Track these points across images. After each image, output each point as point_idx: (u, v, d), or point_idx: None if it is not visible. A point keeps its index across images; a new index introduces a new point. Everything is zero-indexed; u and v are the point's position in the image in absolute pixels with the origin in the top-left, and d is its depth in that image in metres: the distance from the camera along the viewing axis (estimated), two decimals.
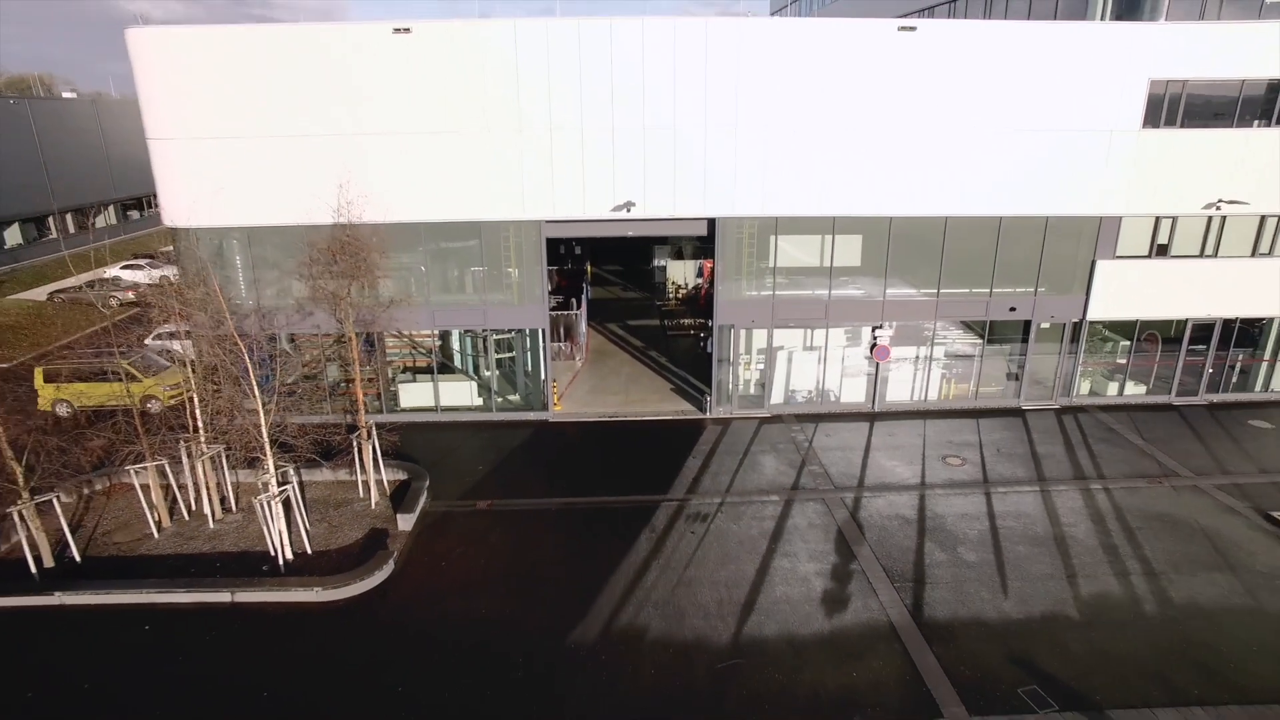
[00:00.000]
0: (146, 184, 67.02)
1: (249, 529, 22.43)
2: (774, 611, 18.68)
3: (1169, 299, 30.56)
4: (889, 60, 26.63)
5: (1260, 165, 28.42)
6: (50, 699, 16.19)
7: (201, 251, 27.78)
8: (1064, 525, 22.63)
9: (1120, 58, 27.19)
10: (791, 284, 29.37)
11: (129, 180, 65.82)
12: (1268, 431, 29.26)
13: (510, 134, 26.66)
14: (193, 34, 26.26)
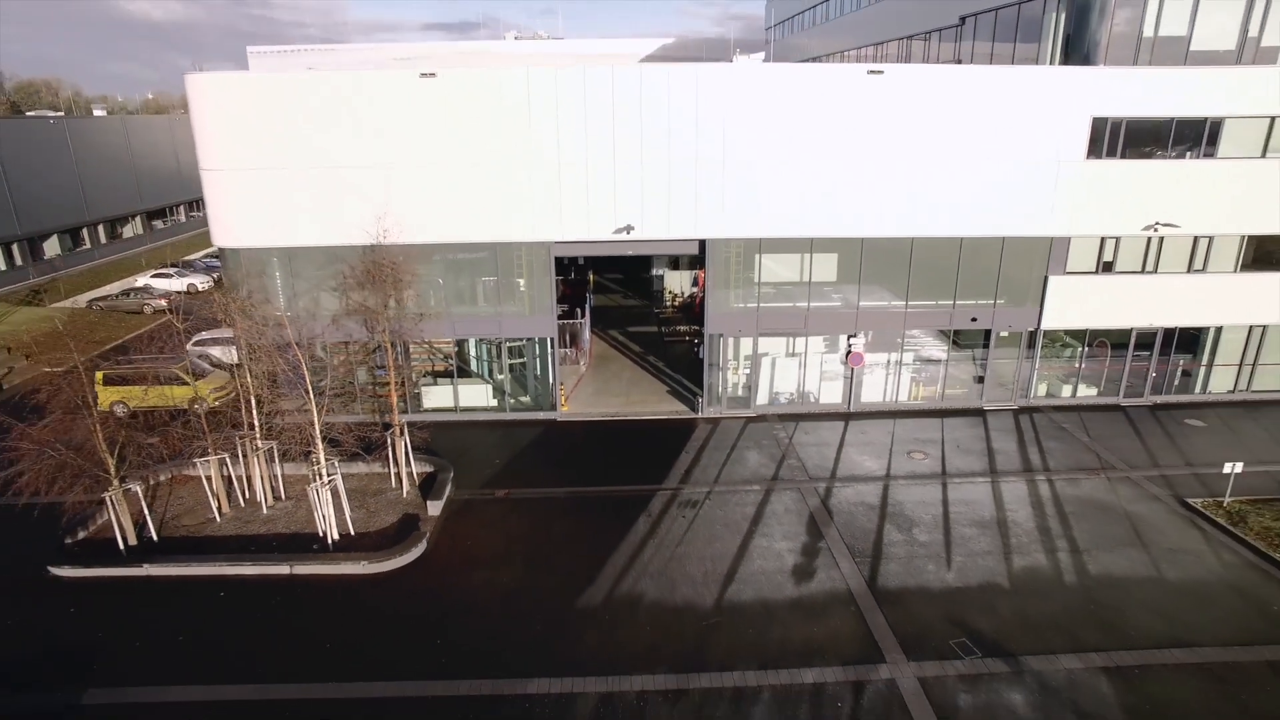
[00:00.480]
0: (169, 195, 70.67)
1: (298, 514, 25.84)
2: (751, 580, 22.11)
3: (1114, 310, 33.99)
4: (860, 100, 30.05)
5: (1191, 192, 31.84)
6: (153, 648, 19.61)
7: (246, 269, 31.11)
8: (1007, 510, 26.05)
9: (1065, 97, 30.60)
10: (774, 297, 32.80)
11: (153, 192, 69.27)
12: (1201, 429, 32.69)
13: (523, 166, 30.04)
14: (241, 80, 29.75)
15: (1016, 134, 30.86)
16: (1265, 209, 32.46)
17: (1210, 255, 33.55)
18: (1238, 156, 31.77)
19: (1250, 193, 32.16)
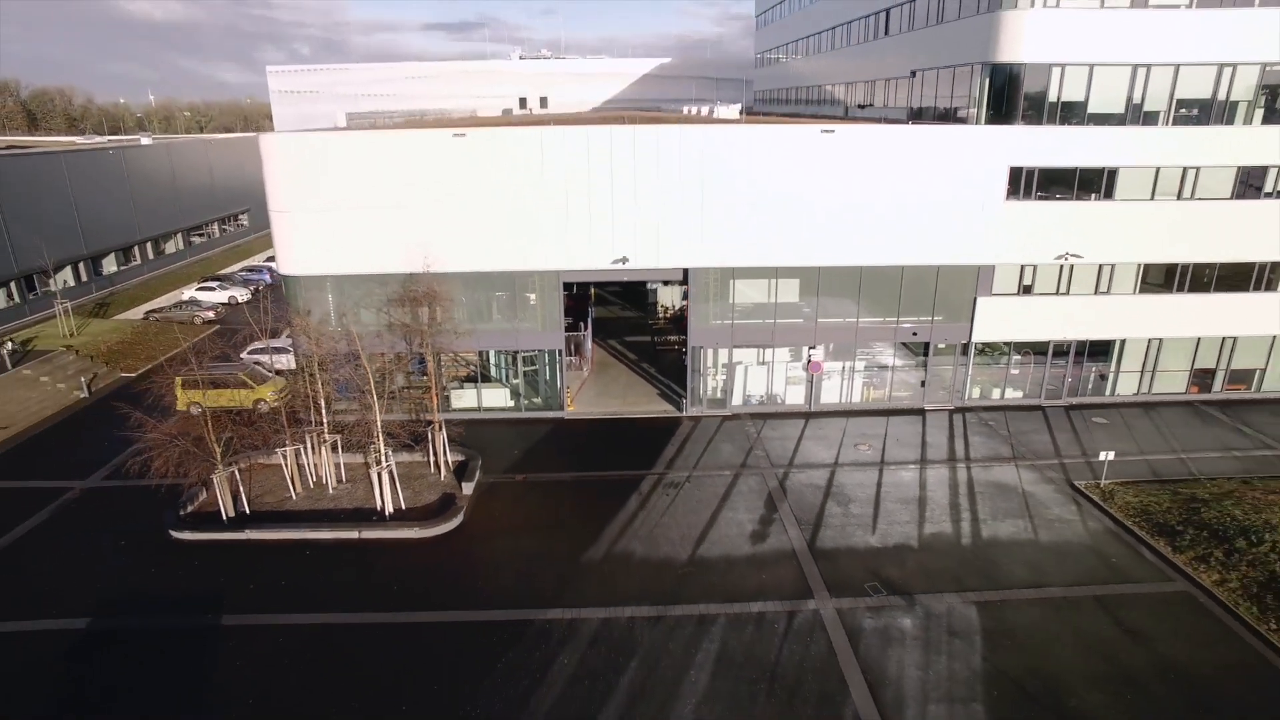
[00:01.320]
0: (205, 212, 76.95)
1: (356, 493, 32.21)
2: (718, 542, 28.50)
3: (1034, 325, 40.41)
4: (815, 153, 36.45)
5: (1093, 228, 38.24)
6: (263, 590, 26.00)
7: (304, 292, 37.49)
8: (928, 491, 32.44)
9: (988, 150, 37.01)
10: (746, 315, 39.19)
11: (191, 209, 75.71)
12: (1103, 425, 39.09)
13: (536, 209, 36.40)
14: (305, 139, 36.18)
15: (947, 180, 37.26)
16: (1155, 242, 38.89)
17: (1113, 280, 39.95)
18: (1131, 199, 38.17)
19: (1142, 228, 38.58)
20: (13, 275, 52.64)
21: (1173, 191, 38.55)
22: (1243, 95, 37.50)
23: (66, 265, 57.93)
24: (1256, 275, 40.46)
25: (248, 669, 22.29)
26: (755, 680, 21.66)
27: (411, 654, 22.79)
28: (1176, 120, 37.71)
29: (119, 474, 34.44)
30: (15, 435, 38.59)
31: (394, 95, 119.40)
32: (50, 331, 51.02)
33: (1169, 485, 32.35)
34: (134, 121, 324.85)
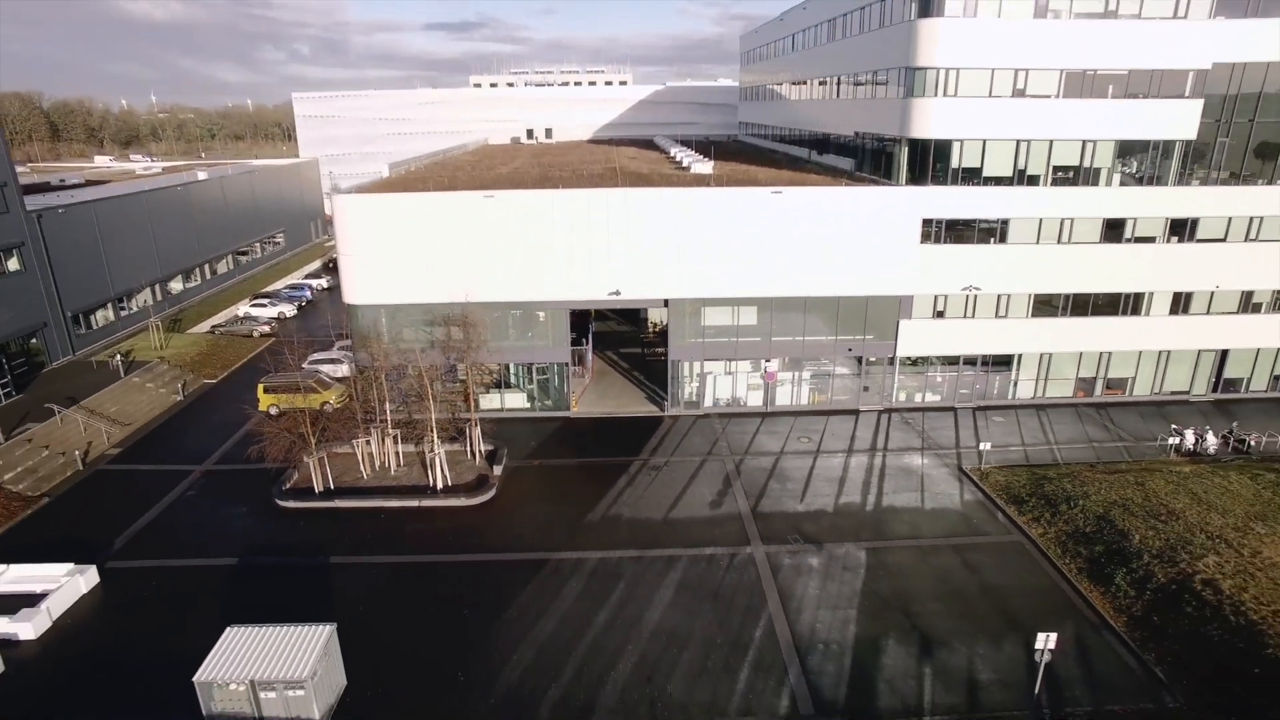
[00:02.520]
0: (250, 234, 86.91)
1: (411, 474, 42.24)
2: (685, 508, 38.60)
3: (946, 343, 50.47)
4: (767, 209, 46.49)
5: (991, 266, 48.31)
6: (353, 541, 36.06)
7: (365, 318, 47.50)
8: (849, 472, 42.51)
9: (906, 205, 47.07)
10: (714, 334, 49.25)
11: (239, 232, 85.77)
12: (1000, 423, 49.18)
13: (547, 252, 46.43)
14: (367, 199, 46.23)
15: (873, 228, 47.33)
16: (1041, 276, 48.97)
17: (1009, 306, 50.04)
18: (1020, 243, 48.24)
19: (1030, 266, 48.68)
20: (110, 297, 62.69)
21: (1053, 237, 48.60)
22: (1104, 163, 47.60)
23: (146, 288, 67.95)
24: (1123, 302, 50.54)
25: (352, 589, 32.37)
26: (704, 597, 31.77)
27: (465, 580, 32.90)
28: (1054, 182, 47.77)
29: (226, 459, 44.61)
30: (137, 430, 48.68)
31: (409, 120, 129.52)
32: (142, 344, 61.06)
33: (1032, 468, 42.46)
34: (148, 130, 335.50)
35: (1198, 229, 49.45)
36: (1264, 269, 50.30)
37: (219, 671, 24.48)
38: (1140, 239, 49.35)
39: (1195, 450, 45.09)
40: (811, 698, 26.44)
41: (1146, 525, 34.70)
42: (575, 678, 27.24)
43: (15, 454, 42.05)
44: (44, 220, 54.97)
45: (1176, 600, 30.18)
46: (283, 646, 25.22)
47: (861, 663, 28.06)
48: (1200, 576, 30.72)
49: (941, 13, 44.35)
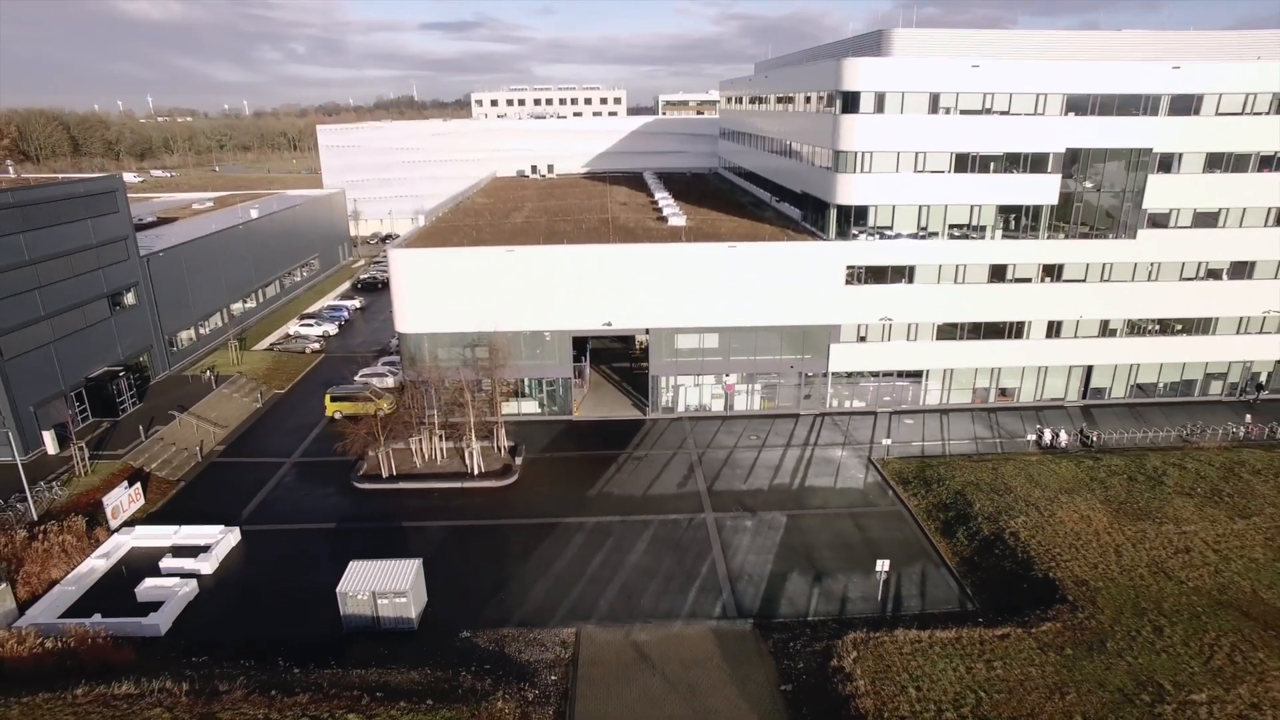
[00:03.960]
0: (294, 259, 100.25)
1: (453, 465, 55.82)
2: (658, 487, 52.32)
3: (868, 361, 64.23)
4: (724, 258, 60.14)
5: (901, 301, 62.07)
6: (415, 510, 49.67)
7: (414, 343, 61.04)
8: (784, 461, 56.25)
9: (834, 256, 60.80)
10: (685, 354, 62.93)
11: (284, 260, 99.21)
12: (909, 424, 62.96)
13: (555, 292, 59.99)
14: (415, 253, 59.79)
15: (808, 273, 61.03)
16: (942, 310, 62.77)
17: (918, 332, 63.82)
18: (925, 283, 62.01)
19: (932, 301, 62.45)
20: (193, 321, 76.16)
21: (951, 279, 62.34)
22: (988, 221, 61.41)
23: (217, 312, 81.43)
24: (1008, 328, 64.33)
25: (419, 542, 45.93)
26: (668, 547, 45.46)
27: (499, 537, 46.59)
28: (950, 236, 61.54)
29: (308, 453, 58.22)
30: (232, 431, 62.18)
31: (421, 149, 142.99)
32: (220, 360, 74.53)
33: (923, 459, 56.21)
34: (160, 142, 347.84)
35: (1064, 272, 63.29)
36: (1116, 304, 64.20)
37: (350, 586, 38.07)
38: (1019, 279, 63.16)
39: (1051, 445, 58.89)
40: (736, 607, 40.14)
41: (986, 497, 48.52)
42: (579, 596, 40.95)
43: (155, 449, 55.60)
44: (150, 263, 68.37)
45: (991, 546, 44.02)
46: (389, 571, 38.83)
47: (772, 587, 41.80)
48: (1009, 531, 44.53)
49: (858, 110, 58.11)
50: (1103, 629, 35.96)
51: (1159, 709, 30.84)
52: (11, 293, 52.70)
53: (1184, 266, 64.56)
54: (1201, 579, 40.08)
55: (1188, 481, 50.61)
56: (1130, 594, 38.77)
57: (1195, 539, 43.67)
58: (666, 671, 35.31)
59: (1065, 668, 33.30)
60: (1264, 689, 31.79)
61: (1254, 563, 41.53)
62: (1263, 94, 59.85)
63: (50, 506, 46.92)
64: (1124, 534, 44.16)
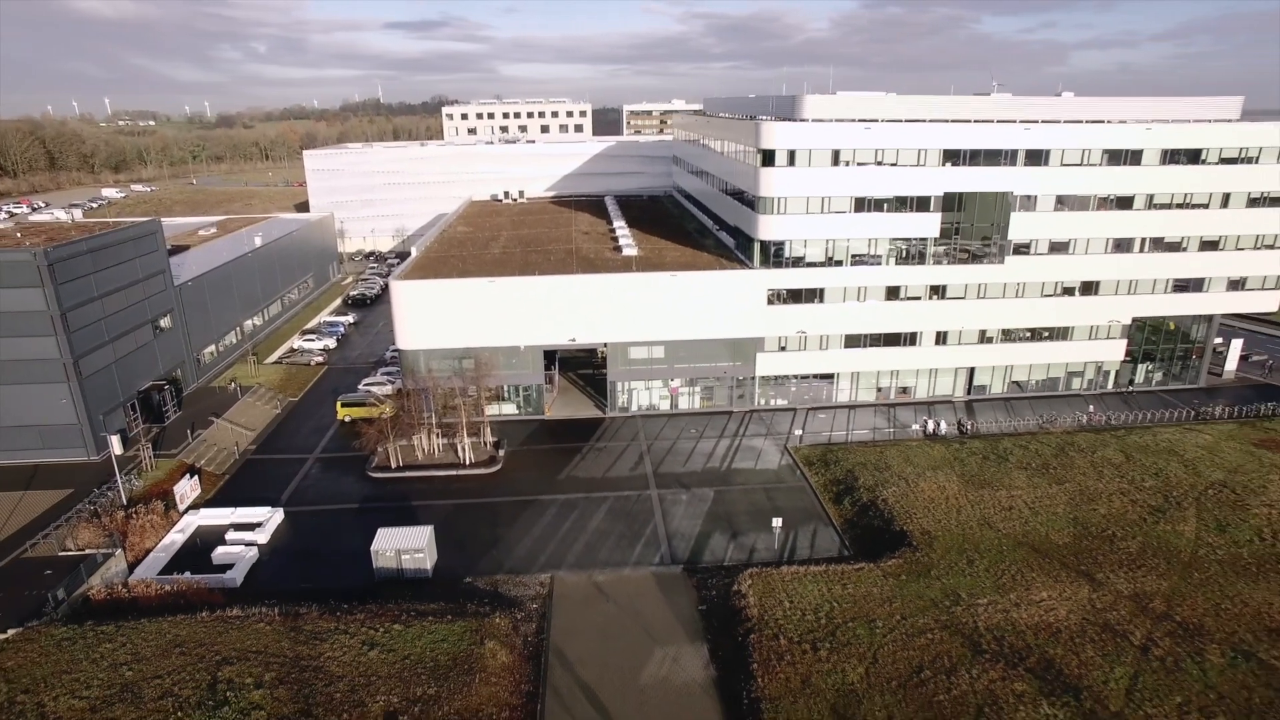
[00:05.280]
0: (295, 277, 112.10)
1: (450, 456, 68.70)
2: (614, 471, 65.65)
3: (788, 366, 78.04)
4: (670, 285, 73.58)
5: (813, 318, 75.94)
6: (420, 492, 62.55)
7: (412, 357, 73.75)
8: (716, 449, 69.83)
9: (757, 282, 74.51)
10: (637, 363, 76.32)
11: (285, 280, 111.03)
12: (822, 418, 76.89)
13: (530, 312, 73.00)
14: (413, 285, 72.56)
15: (737, 295, 74.66)
16: (848, 324, 76.76)
17: (829, 342, 77.78)
18: (832, 302, 75.92)
19: (840, 317, 76.41)
20: (215, 339, 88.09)
21: (854, 298, 76.34)
22: (883, 250, 75.48)
23: (232, 330, 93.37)
24: (903, 338, 78.52)
25: (427, 516, 58.72)
26: (621, 516, 58.80)
27: (490, 511, 59.63)
28: (852, 263, 75.51)
29: (326, 450, 70.78)
30: (260, 433, 74.45)
31: (402, 172, 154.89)
32: (240, 373, 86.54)
33: (828, 446, 70.10)
34: (134, 154, 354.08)
35: (947, 291, 77.58)
36: (991, 317, 78.66)
37: (380, 546, 50.86)
38: (911, 298, 77.35)
39: (933, 433, 73.08)
40: (671, 557, 53.54)
41: (870, 474, 62.46)
42: (552, 551, 54.14)
43: (200, 449, 67.86)
44: (181, 291, 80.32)
45: (867, 510, 57.92)
46: (409, 535, 51.71)
47: (698, 543, 55.28)
48: (881, 498, 58.45)
49: (774, 164, 71.84)
50: (931, 563, 49.90)
51: (954, 609, 44.77)
52: (86, 323, 64.61)
53: (1044, 285, 79.20)
54: (1014, 528, 54.26)
55: (1026, 458, 64.98)
56: (959, 539, 52.79)
57: (1018, 500, 57.91)
58: (618, 600, 48.65)
59: (898, 588, 47.15)
60: (1026, 594, 45.89)
61: (1055, 516, 55.80)
62: (1095, 149, 74.58)
63: (131, 494, 59.10)
64: (967, 499, 58.28)
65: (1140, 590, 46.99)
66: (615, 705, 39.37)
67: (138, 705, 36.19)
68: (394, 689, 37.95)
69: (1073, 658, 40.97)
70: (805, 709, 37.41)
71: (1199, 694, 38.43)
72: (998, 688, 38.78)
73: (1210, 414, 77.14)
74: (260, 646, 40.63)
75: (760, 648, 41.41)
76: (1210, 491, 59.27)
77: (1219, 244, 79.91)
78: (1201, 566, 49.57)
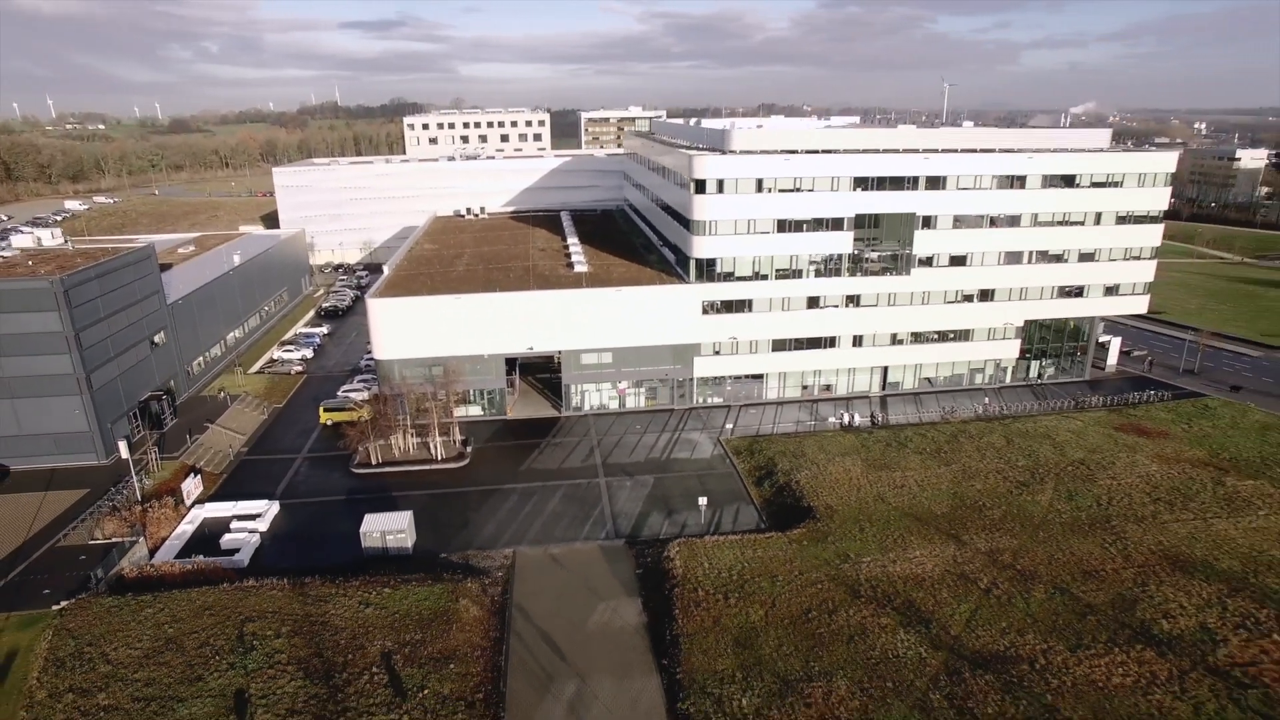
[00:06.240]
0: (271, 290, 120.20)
1: (424, 453, 77.85)
2: (569, 462, 75.35)
3: (722, 368, 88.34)
4: (615, 300, 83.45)
5: (743, 326, 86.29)
6: (399, 484, 71.70)
7: (386, 367, 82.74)
8: (658, 442, 79.85)
9: (692, 295, 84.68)
10: (588, 368, 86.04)
11: (263, 294, 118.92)
12: (753, 413, 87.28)
13: (490, 325, 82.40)
14: (388, 302, 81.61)
15: (675, 307, 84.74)
16: (775, 330, 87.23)
17: (758, 346, 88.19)
18: (760, 312, 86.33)
19: (768, 324, 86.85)
20: (202, 351, 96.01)
21: (779, 308, 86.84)
22: (804, 265, 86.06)
23: (216, 343, 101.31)
24: (824, 342, 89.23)
25: (405, 504, 67.82)
26: (574, 500, 68.52)
27: (460, 498, 69.00)
28: (777, 277, 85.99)
29: (313, 450, 79.55)
30: (251, 436, 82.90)
31: (368, 188, 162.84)
32: (227, 383, 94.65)
33: (755, 437, 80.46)
34: (92, 163, 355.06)
35: (861, 300, 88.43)
36: (901, 322, 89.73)
37: (367, 528, 60.01)
38: (830, 306, 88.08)
39: (849, 425, 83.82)
40: (615, 533, 63.39)
41: (788, 460, 72.90)
42: (516, 529, 63.71)
43: (199, 451, 76.27)
44: (173, 309, 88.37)
45: (783, 490, 68.31)
46: (392, 519, 60.90)
47: (639, 521, 65.20)
48: (795, 480, 68.87)
49: (705, 192, 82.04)
50: (830, 531, 60.34)
51: (842, 566, 55.22)
52: (96, 341, 72.70)
53: (946, 293, 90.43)
54: (902, 502, 64.98)
55: (923, 444, 75.94)
56: (855, 512, 63.34)
57: (910, 479, 68.71)
58: (570, 568, 58.38)
59: (799, 551, 57.49)
60: (903, 554, 56.53)
61: (939, 491, 66.65)
62: (986, 175, 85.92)
63: (144, 492, 67.47)
64: (868, 479, 68.93)
65: (995, 548, 57.88)
66: (566, 645, 49.14)
67: (182, 653, 45.20)
68: (387, 636, 47.37)
69: (930, 599, 51.62)
70: (714, 641, 47.52)
71: (1019, 620, 49.28)
72: (868, 622, 49.22)
73: (1087, 403, 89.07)
74: (275, 608, 49.74)
75: (682, 598, 51.45)
76: (1069, 468, 70.67)
77: (1095, 255, 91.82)
78: (1047, 527, 60.67)
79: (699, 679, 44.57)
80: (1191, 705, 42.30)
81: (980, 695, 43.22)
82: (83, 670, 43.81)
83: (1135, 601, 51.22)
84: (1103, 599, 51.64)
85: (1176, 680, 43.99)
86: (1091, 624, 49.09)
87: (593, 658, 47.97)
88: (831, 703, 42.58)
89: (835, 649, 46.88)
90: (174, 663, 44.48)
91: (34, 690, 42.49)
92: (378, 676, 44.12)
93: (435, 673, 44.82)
